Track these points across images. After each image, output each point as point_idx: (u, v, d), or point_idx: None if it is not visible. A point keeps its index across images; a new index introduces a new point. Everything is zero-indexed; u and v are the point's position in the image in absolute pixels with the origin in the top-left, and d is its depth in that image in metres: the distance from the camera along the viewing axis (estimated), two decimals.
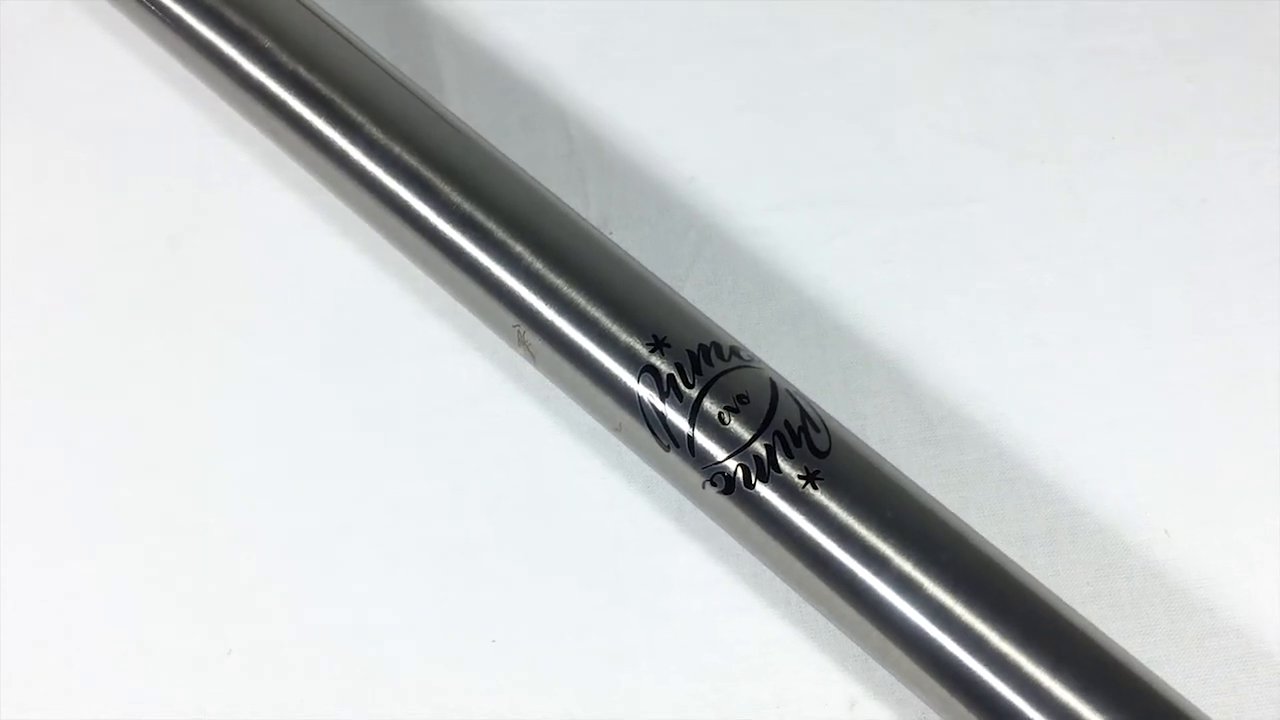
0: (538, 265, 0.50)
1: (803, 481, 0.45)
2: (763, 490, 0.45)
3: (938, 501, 0.46)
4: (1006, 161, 0.60)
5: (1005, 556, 0.45)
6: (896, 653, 0.44)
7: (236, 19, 0.54)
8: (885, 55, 0.63)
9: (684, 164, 0.60)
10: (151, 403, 0.55)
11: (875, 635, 0.45)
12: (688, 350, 0.47)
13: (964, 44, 0.63)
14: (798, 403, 0.47)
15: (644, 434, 0.48)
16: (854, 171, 0.60)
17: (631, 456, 0.51)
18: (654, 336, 0.48)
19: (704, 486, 0.47)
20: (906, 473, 0.47)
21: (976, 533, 0.46)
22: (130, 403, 0.56)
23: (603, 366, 0.48)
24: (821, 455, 0.45)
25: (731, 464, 0.46)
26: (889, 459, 0.47)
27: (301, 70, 0.54)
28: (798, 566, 0.46)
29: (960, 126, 0.61)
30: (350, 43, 0.55)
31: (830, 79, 0.62)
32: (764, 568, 0.49)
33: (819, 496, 0.45)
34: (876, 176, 0.60)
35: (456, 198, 0.51)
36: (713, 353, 0.47)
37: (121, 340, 0.57)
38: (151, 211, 0.60)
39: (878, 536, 0.44)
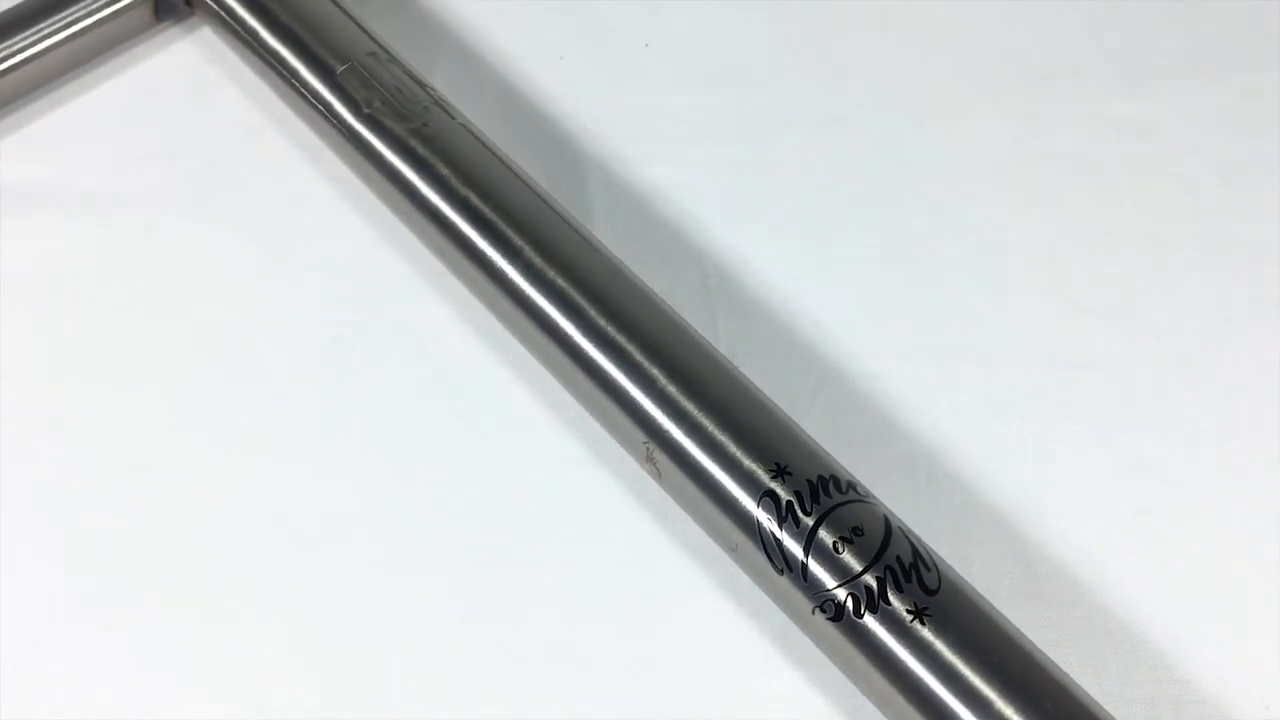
0: (671, 388, 0.53)
1: (911, 616, 0.46)
2: (870, 621, 0.47)
3: (1042, 651, 0.47)
4: (1122, 332, 0.63)
5: (1107, 713, 0.46)
6: None
7: (421, 149, 0.61)
8: (1009, 223, 0.67)
9: (811, 308, 0.64)
10: (296, 485, 0.59)
11: None
12: (807, 480, 0.50)
13: (1086, 219, 0.67)
14: (910, 540, 0.49)
15: (759, 557, 0.50)
16: (972, 327, 0.63)
17: (743, 579, 0.53)
18: (776, 464, 0.50)
19: (813, 612, 0.48)
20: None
21: (1080, 686, 0.46)
22: (276, 485, 0.59)
23: (725, 488, 0.51)
24: (931, 593, 0.47)
25: (842, 593, 0.47)
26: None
27: (473, 197, 0.59)
28: (900, 701, 0.47)
29: (1078, 295, 0.64)
30: (517, 175, 0.61)
31: (954, 241, 0.66)
32: (864, 700, 0.50)
33: (926, 633, 0.46)
34: (994, 335, 0.63)
35: (601, 320, 0.55)
36: (831, 485, 0.50)
37: (275, 424, 0.61)
38: (317, 310, 0.65)
39: (982, 679, 0.45)
